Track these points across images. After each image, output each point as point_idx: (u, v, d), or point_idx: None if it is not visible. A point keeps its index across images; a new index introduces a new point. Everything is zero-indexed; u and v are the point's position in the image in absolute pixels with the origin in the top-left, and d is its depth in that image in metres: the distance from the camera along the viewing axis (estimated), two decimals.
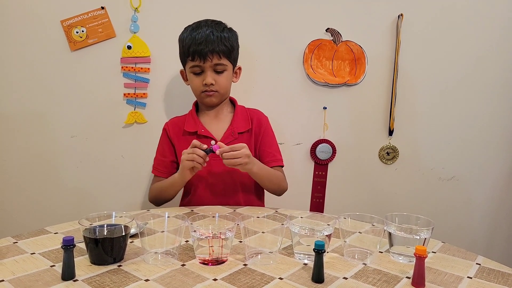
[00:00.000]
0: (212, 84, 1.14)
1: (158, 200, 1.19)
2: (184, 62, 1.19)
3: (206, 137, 1.19)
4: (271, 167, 1.19)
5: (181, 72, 1.25)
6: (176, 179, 1.10)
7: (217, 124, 1.22)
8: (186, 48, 1.13)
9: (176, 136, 1.22)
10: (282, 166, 1.25)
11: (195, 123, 1.21)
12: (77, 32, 1.37)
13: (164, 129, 1.25)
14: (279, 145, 1.30)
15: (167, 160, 1.22)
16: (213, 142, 1.16)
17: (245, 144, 1.01)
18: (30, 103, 1.39)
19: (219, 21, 1.18)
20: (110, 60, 1.39)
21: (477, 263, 0.75)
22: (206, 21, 1.17)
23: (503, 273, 0.71)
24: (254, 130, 1.23)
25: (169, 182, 1.13)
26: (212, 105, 1.21)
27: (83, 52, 1.38)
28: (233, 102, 1.29)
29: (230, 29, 1.19)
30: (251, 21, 1.21)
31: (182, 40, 1.16)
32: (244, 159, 1.00)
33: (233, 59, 1.19)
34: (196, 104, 1.27)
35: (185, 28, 1.18)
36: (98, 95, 1.41)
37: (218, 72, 1.15)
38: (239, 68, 1.25)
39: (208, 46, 1.10)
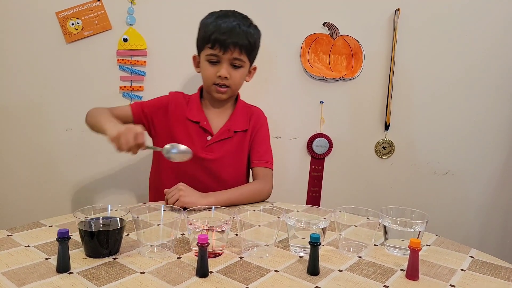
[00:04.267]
0: (226, 77, 1.09)
1: (86, 120, 1.12)
2: (200, 48, 1.12)
3: (205, 131, 1.15)
4: (257, 167, 1.17)
5: (194, 57, 1.17)
6: (104, 126, 0.95)
7: (217, 117, 1.18)
8: (208, 34, 1.06)
9: (174, 116, 1.15)
10: (271, 168, 1.18)
11: (199, 113, 1.15)
12: (72, 24, 1.35)
13: (167, 98, 1.18)
14: (276, 139, 1.29)
15: (143, 112, 1.14)
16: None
17: (181, 183, 0.99)
18: (25, 95, 1.38)
19: (246, 16, 1.14)
20: (106, 53, 1.38)
21: (470, 256, 0.76)
22: (234, 12, 1.11)
23: (496, 266, 0.72)
24: (251, 129, 1.19)
25: (100, 121, 0.99)
26: (220, 100, 1.16)
27: (78, 44, 1.37)
28: (236, 96, 1.23)
29: (256, 27, 1.14)
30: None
31: (205, 25, 1.09)
32: (179, 192, 0.96)
33: (252, 57, 1.15)
34: (201, 90, 1.21)
35: (209, 14, 1.12)
36: (94, 88, 1.40)
37: (235, 67, 1.10)
38: (254, 68, 1.20)
39: (232, 37, 1.05)
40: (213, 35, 1.05)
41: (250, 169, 1.22)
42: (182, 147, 0.93)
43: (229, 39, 1.05)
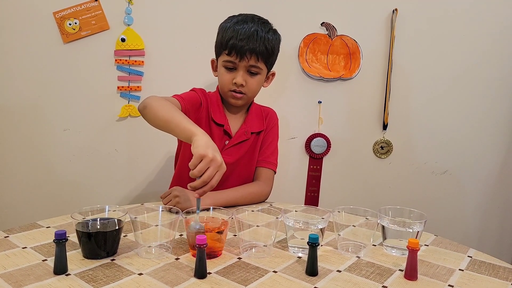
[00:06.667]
0: (242, 85, 1.08)
1: (148, 109, 0.94)
2: (218, 53, 1.11)
3: (226, 133, 1.14)
4: (261, 167, 1.17)
5: (212, 61, 1.17)
6: (188, 126, 0.85)
7: (233, 119, 1.17)
8: (225, 40, 1.05)
9: (203, 116, 1.12)
10: (274, 170, 1.19)
11: (222, 115, 1.14)
12: (70, 24, 1.35)
13: (197, 95, 1.12)
14: None
15: (186, 108, 1.05)
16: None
17: (176, 187, 0.97)
18: (22, 96, 1.37)
19: (266, 20, 1.12)
20: (104, 53, 1.38)
21: (468, 256, 0.76)
22: (253, 17, 1.09)
23: (494, 265, 0.72)
24: (265, 129, 1.20)
25: (178, 118, 0.88)
26: (236, 106, 1.15)
27: (76, 44, 1.36)
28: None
29: (275, 31, 1.12)
30: None
31: (223, 29, 1.08)
32: (175, 199, 0.95)
33: (270, 64, 1.13)
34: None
35: (229, 18, 1.11)
36: (91, 88, 1.40)
37: (251, 74, 1.09)
38: (273, 74, 1.19)
39: (249, 44, 1.03)
40: (230, 41, 1.04)
41: None
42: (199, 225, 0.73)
43: (246, 46, 1.03)
